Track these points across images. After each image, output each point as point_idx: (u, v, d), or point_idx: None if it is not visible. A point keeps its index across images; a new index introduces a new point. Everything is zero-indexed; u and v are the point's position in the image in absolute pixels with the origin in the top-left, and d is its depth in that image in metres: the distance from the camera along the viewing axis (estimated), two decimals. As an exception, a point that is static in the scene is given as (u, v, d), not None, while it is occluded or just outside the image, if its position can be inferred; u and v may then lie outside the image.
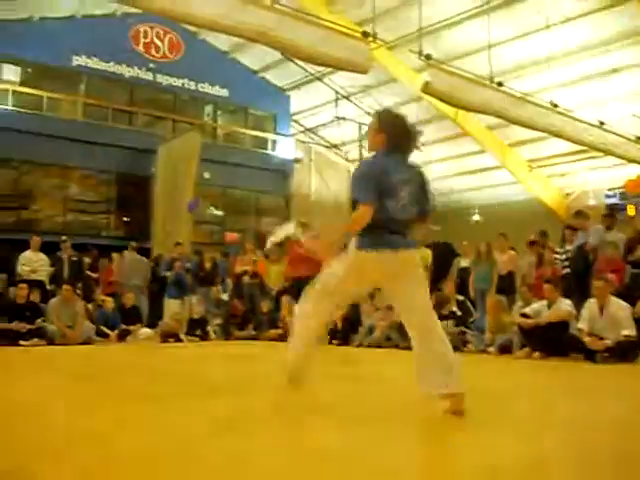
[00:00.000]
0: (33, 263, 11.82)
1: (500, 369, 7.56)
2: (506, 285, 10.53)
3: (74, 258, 12.39)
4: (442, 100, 12.61)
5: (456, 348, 9.11)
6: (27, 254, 11.97)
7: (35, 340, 10.23)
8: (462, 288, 10.98)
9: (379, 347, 10.09)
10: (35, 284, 11.37)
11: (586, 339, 7.84)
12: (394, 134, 3.90)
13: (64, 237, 12.91)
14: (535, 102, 13.99)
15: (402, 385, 5.57)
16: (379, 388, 5.37)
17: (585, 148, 16.15)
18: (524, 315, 8.56)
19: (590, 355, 7.74)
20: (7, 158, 17.81)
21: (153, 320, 12.48)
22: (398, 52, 17.61)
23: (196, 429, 3.46)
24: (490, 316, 9.39)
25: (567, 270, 10.15)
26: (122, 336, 11.42)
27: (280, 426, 3.63)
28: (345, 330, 10.97)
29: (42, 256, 12.03)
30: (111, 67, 19.76)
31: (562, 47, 15.91)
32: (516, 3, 15.25)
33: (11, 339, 10.05)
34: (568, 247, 10.34)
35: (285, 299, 11.64)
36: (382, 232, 3.78)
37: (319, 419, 3.78)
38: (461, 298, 10.43)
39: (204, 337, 11.67)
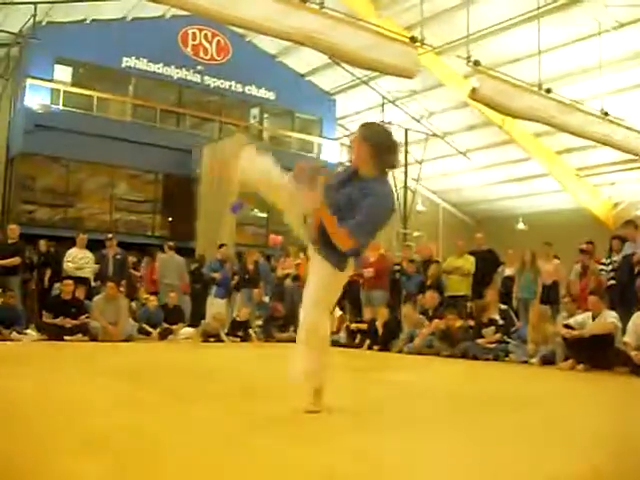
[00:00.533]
0: (78, 260, 12.00)
1: (543, 380, 7.43)
2: (550, 295, 10.37)
3: (119, 256, 12.55)
4: (489, 106, 12.49)
5: (497, 358, 9.11)
6: (73, 251, 12.15)
7: (79, 336, 10.41)
8: (505, 297, 10.84)
9: (420, 354, 10.01)
10: (80, 281, 11.56)
11: (632, 353, 7.67)
12: (379, 146, 3.80)
13: (109, 235, 13.09)
14: (584, 110, 13.78)
15: (439, 391, 5.53)
16: (415, 393, 5.32)
17: (635, 157, 15.84)
18: (568, 326, 8.40)
19: (636, 369, 7.57)
20: (57, 156, 18.16)
21: (195, 319, 12.60)
22: (446, 57, 17.51)
23: (236, 429, 3.47)
24: (533, 326, 9.23)
25: (613, 281, 9.95)
26: (164, 335, 11.54)
27: (317, 428, 3.62)
28: (385, 336, 10.92)
29: (87, 253, 12.21)
30: (160, 69, 20.03)
31: (614, 54, 15.62)
32: (568, 8, 15.03)
33: (56, 334, 10.24)
34: (615, 258, 10.12)
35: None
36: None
37: (353, 421, 3.77)
38: (504, 307, 10.29)
39: (245, 338, 11.72)
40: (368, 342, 10.97)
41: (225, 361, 8.61)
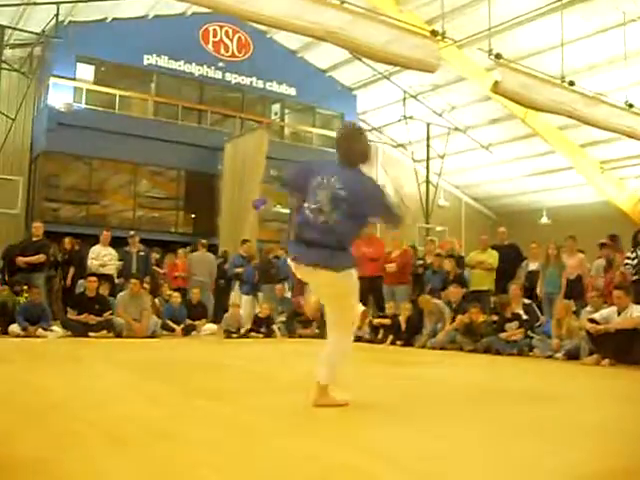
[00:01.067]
0: (102, 257, 12.09)
1: (567, 375, 7.36)
2: (574, 289, 10.27)
3: (142, 253, 12.63)
4: (512, 100, 12.37)
5: (521, 352, 9.05)
6: (96, 248, 12.24)
7: (103, 332, 10.50)
8: (529, 291, 10.75)
9: (443, 349, 9.97)
10: (104, 278, 11.66)
11: (658, 347, 7.59)
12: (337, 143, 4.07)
13: (132, 232, 13.18)
14: (609, 102, 13.60)
15: (462, 386, 5.51)
16: (438, 388, 5.30)
17: (661, 149, 15.65)
18: (592, 321, 8.31)
19: (662, 364, 7.49)
20: (80, 154, 18.32)
21: (218, 316, 12.66)
22: (467, 50, 17.39)
23: (259, 426, 3.48)
24: (557, 321, 9.15)
25: (637, 276, 9.82)
26: (187, 331, 11.60)
27: (337, 423, 3.62)
28: (409, 331, 10.88)
29: (111, 250, 12.29)
30: (181, 66, 20.09)
31: (639, 44, 15.41)
32: (592, -1, 14.85)
33: (80, 331, 10.34)
34: (640, 251, 9.99)
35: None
36: (295, 239, 3.98)
37: (373, 417, 3.76)
38: (528, 302, 10.21)
39: (268, 334, 11.74)
40: (391, 337, 10.95)
41: (246, 357, 8.63)
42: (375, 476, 2.57)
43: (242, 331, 11.59)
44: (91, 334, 10.35)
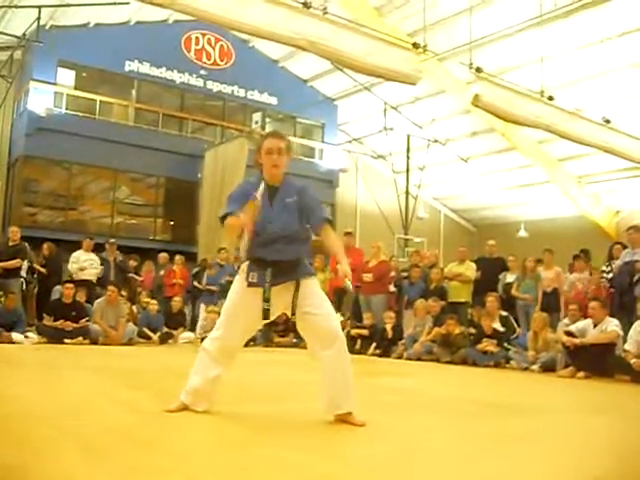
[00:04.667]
0: (82, 262, 12.01)
1: (543, 387, 7.42)
2: (550, 302, 10.36)
3: (119, 259, 12.56)
4: (491, 113, 12.47)
5: (497, 364, 9.10)
6: (78, 253, 12.19)
7: (79, 339, 10.42)
8: (507, 303, 10.81)
9: (419, 360, 9.99)
10: (82, 284, 11.58)
11: (633, 361, 7.67)
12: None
13: (112, 239, 13.10)
14: (586, 117, 13.76)
15: (439, 398, 5.53)
16: (416, 399, 5.31)
17: (637, 165, 15.81)
18: (569, 333, 8.39)
19: (637, 377, 7.56)
20: (59, 159, 18.20)
21: (194, 324, 12.61)
22: (448, 63, 17.51)
23: (236, 435, 3.46)
24: (534, 333, 9.22)
25: (612, 289, 9.93)
26: (164, 339, 11.54)
27: (318, 434, 3.61)
28: (386, 341, 10.90)
29: (92, 256, 12.23)
30: (162, 73, 20.04)
31: (616, 61, 15.64)
32: (572, 16, 15.00)
33: (56, 337, 10.25)
34: (616, 263, 10.07)
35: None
36: None
37: (354, 429, 3.76)
38: (505, 314, 10.27)
39: (245, 344, 11.66)
40: (374, 347, 10.94)
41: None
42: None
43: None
44: (67, 341, 10.27)
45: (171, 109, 20.41)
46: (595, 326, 8.25)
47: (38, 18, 15.79)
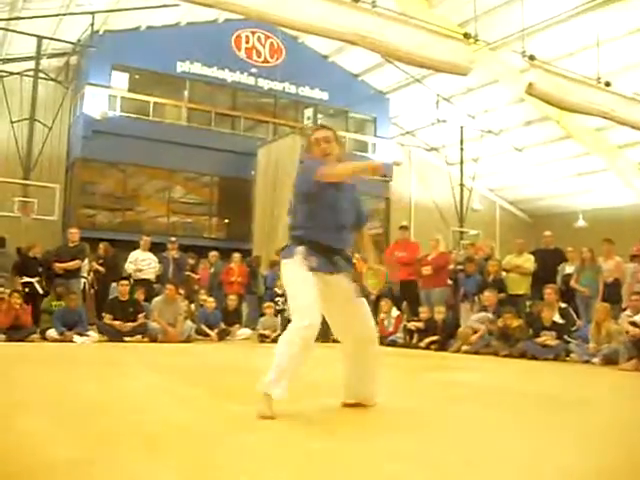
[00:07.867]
0: (140, 262, 12.19)
1: (605, 380, 7.24)
2: (612, 293, 10.11)
3: (176, 256, 12.72)
4: (546, 102, 12.25)
5: (557, 357, 8.92)
6: (136, 253, 12.37)
7: (138, 337, 10.60)
8: (566, 295, 10.60)
9: (477, 353, 9.87)
10: (141, 282, 11.77)
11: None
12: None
13: (172, 238, 13.30)
14: (646, 102, 13.39)
15: (497, 391, 5.45)
16: (472, 393, 5.25)
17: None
18: (634, 324, 8.16)
19: None
20: (114, 161, 18.56)
21: (251, 321, 12.72)
22: (501, 53, 17.25)
23: (288, 430, 3.46)
24: (595, 325, 8.99)
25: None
26: (222, 335, 11.66)
27: (371, 427, 3.60)
28: (444, 335, 10.80)
29: (150, 255, 12.40)
30: (214, 72, 20.25)
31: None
32: (627, -2, 14.62)
33: (116, 335, 10.45)
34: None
35: (384, 303, 11.55)
36: None
37: (407, 421, 3.73)
38: (564, 306, 10.06)
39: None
40: (427, 341, 10.84)
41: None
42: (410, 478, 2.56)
43: (273, 336, 11.55)
44: (126, 339, 10.46)
45: (223, 108, 20.61)
46: (659, 317, 8.02)
47: (92, 24, 16.14)
